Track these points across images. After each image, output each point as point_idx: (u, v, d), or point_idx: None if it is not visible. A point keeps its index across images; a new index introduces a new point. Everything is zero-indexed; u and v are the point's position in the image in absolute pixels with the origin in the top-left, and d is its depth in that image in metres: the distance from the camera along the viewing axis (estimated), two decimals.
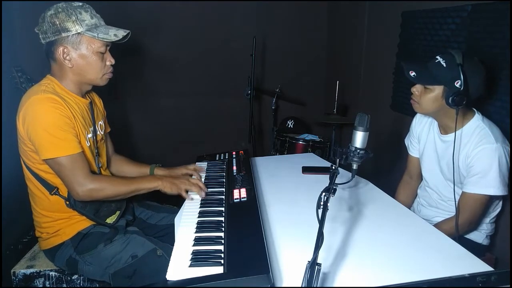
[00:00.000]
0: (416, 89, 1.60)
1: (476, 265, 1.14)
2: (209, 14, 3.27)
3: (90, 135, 1.56)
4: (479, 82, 1.51)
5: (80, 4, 1.46)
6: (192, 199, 1.52)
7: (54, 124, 1.37)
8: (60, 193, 1.49)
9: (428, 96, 1.56)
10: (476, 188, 1.53)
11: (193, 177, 1.74)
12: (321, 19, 3.59)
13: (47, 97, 1.39)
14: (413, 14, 2.34)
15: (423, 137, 1.80)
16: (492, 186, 1.50)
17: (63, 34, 1.41)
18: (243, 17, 3.36)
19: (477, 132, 1.54)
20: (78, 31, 1.42)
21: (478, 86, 1.51)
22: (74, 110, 1.48)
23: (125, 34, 1.49)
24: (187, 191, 1.54)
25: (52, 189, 1.48)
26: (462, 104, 1.48)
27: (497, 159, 1.48)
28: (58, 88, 1.48)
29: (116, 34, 1.47)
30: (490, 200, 1.58)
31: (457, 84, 1.47)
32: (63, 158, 1.38)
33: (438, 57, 1.54)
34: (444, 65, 1.50)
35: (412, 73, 1.54)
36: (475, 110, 1.61)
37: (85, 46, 1.45)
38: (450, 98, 1.48)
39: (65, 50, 1.43)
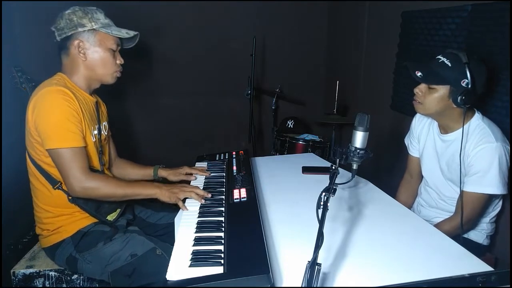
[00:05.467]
0: (420, 89, 1.58)
1: (476, 265, 1.14)
2: (209, 14, 3.27)
3: (95, 132, 1.61)
4: (484, 80, 1.51)
5: (95, 8, 1.58)
6: (187, 209, 1.47)
7: (62, 115, 1.42)
8: (63, 187, 1.50)
9: (433, 96, 1.54)
10: (476, 187, 1.53)
11: (194, 175, 1.76)
12: (321, 19, 3.59)
13: (59, 89, 1.44)
14: (413, 14, 2.34)
15: (423, 136, 1.80)
16: (492, 185, 1.50)
17: (79, 29, 1.51)
18: (243, 17, 3.36)
19: (477, 131, 1.54)
20: (93, 27, 1.53)
21: (483, 84, 1.51)
22: (83, 105, 1.53)
23: (135, 33, 1.63)
24: (184, 200, 1.51)
25: (55, 183, 1.51)
26: (471, 103, 1.48)
27: (497, 158, 1.47)
28: (68, 84, 1.54)
29: (128, 32, 1.60)
30: (489, 199, 1.58)
31: (464, 83, 1.48)
32: (65, 150, 1.42)
33: (440, 57, 1.53)
34: (449, 64, 1.49)
35: (419, 73, 1.53)
36: (475, 110, 1.61)
37: (98, 42, 1.55)
38: (459, 98, 1.48)
39: (80, 44, 1.52)
